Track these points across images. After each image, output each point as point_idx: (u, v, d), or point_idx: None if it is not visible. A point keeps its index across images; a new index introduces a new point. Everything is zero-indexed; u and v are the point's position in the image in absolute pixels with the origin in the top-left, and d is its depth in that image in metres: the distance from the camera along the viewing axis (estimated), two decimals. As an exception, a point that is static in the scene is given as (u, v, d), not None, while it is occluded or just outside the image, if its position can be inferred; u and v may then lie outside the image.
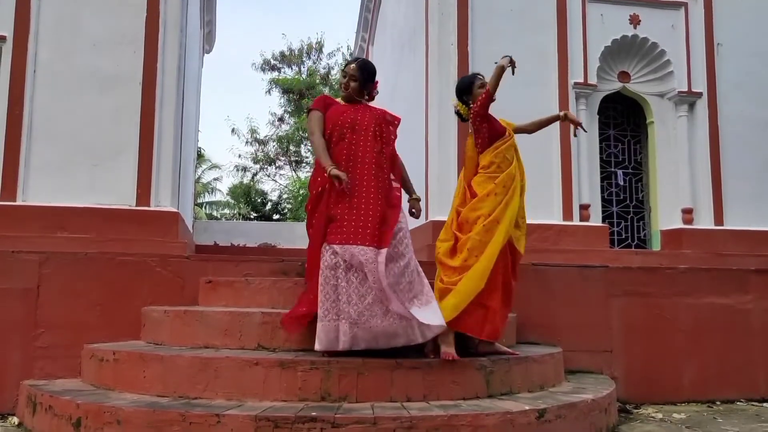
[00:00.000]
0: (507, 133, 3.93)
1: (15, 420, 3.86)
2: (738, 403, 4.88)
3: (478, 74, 4.10)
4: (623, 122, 6.71)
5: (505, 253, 3.69)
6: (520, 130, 4.12)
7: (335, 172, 3.51)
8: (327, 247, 3.51)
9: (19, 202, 4.78)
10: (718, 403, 4.83)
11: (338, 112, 3.79)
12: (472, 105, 3.92)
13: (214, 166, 26.10)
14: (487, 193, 3.78)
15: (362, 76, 3.87)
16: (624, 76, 6.52)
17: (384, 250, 3.44)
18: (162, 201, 5.04)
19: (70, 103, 5.01)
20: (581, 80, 6.16)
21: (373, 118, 3.81)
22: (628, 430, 3.83)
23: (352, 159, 3.67)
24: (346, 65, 3.95)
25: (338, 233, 3.50)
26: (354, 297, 3.41)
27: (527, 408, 3.17)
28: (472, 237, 3.66)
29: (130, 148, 5.03)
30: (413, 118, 6.38)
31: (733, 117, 6.42)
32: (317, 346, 3.40)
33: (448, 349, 3.49)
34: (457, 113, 4.13)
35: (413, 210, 3.95)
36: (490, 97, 3.79)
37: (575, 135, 4.17)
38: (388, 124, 3.87)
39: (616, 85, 6.48)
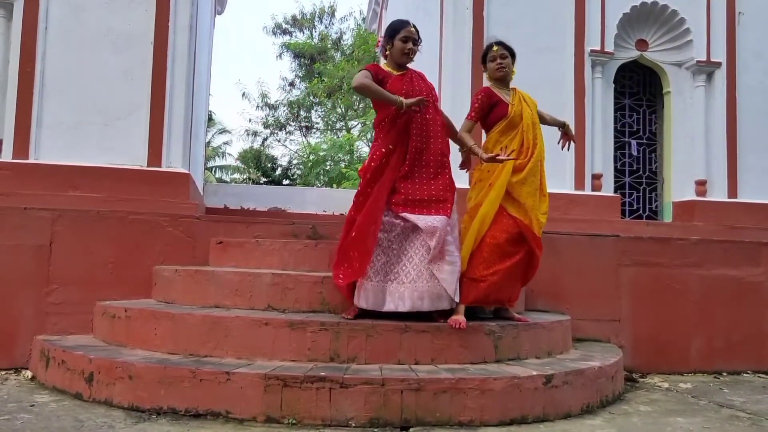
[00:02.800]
0: (508, 115, 3.80)
1: (28, 374, 3.93)
2: (745, 374, 4.89)
3: (494, 45, 3.92)
4: (639, 92, 6.61)
5: (499, 229, 3.66)
6: (540, 114, 4.03)
7: (409, 101, 3.47)
8: (388, 213, 3.51)
9: (31, 160, 4.78)
10: (724, 374, 4.85)
11: (399, 84, 3.64)
12: (487, 74, 4.00)
13: (225, 131, 26.09)
14: (475, 181, 3.83)
15: (419, 38, 3.78)
16: (642, 45, 6.40)
17: (452, 219, 3.58)
18: (173, 162, 5.02)
19: (82, 61, 4.97)
20: (598, 48, 6.05)
21: (426, 86, 3.76)
22: (633, 398, 3.85)
23: (424, 134, 3.63)
24: (401, 28, 3.72)
25: (411, 205, 3.52)
26: (404, 258, 3.47)
27: (535, 373, 3.19)
28: (464, 223, 3.77)
29: (142, 108, 5.00)
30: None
31: (751, 88, 6.31)
32: (362, 305, 3.44)
33: (457, 317, 3.50)
34: None
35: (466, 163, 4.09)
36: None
37: (562, 149, 4.10)
38: (432, 89, 3.83)
39: (633, 54, 6.37)
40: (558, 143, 4.07)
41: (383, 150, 3.57)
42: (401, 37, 3.72)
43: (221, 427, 2.84)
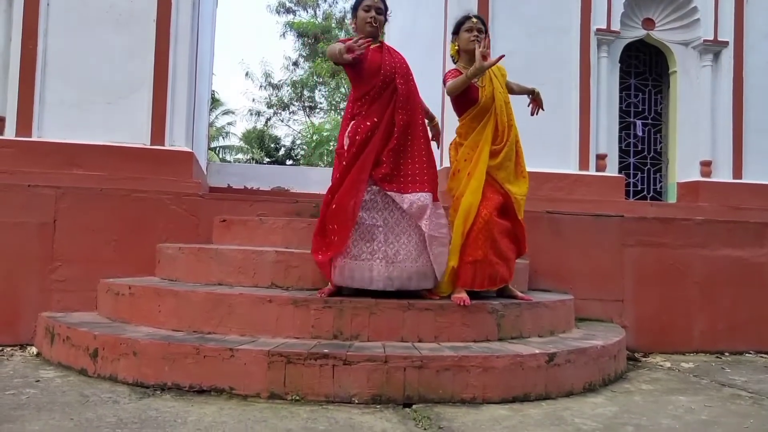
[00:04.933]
0: (479, 101, 3.73)
1: (33, 350, 3.96)
2: (747, 354, 4.90)
3: (472, 16, 3.84)
4: (645, 71, 6.55)
5: (486, 206, 3.62)
6: (508, 84, 3.96)
7: (359, 43, 3.36)
8: (372, 188, 3.46)
9: (34, 138, 4.77)
10: (726, 354, 4.86)
11: (377, 57, 3.58)
12: (456, 48, 3.88)
13: (228, 111, 26.03)
14: (452, 172, 3.79)
15: (385, 7, 3.72)
16: (648, 23, 6.33)
17: (436, 197, 3.58)
18: (176, 140, 5.01)
19: (84, 38, 4.94)
20: (604, 26, 5.98)
21: (401, 59, 3.70)
22: (636, 377, 3.86)
23: (409, 107, 3.59)
24: None
25: (394, 182, 3.48)
26: (391, 236, 3.45)
27: (537, 351, 3.20)
28: (449, 216, 3.73)
29: (145, 87, 4.97)
30: (430, 62, 6.26)
31: (758, 68, 6.24)
32: (345, 283, 3.41)
33: (460, 294, 3.52)
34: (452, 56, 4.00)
35: (435, 135, 4.03)
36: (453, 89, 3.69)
37: (531, 114, 4.02)
38: (408, 66, 3.77)
39: (639, 33, 6.30)
40: (528, 106, 4.02)
41: (368, 123, 3.50)
42: (364, 6, 3.67)
43: (225, 403, 2.86)
